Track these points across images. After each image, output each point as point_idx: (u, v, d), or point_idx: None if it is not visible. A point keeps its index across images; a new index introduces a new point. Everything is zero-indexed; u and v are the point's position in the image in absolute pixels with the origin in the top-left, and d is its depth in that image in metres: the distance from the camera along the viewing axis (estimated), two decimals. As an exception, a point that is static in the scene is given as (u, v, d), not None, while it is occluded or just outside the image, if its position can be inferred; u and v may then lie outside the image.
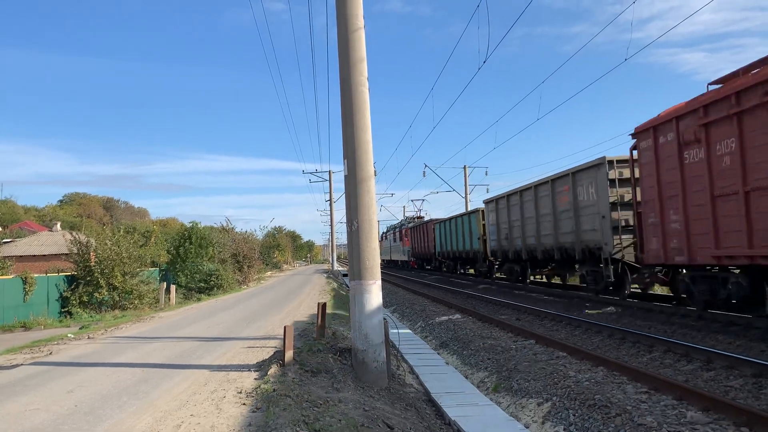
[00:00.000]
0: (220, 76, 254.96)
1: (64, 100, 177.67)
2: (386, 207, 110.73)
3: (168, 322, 15.81)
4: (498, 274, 26.51)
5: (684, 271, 12.13)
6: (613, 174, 14.73)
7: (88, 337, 12.96)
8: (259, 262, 43.90)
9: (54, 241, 34.74)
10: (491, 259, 26.17)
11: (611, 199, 14.63)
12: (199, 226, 35.32)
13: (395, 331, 12.88)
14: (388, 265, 58.88)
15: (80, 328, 15.92)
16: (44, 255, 33.59)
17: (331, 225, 56.65)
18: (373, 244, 7.92)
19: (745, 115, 9.65)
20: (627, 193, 14.38)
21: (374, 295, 7.79)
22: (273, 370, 7.41)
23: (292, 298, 23.12)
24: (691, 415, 6.08)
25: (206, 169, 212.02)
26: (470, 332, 13.06)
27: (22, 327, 18.64)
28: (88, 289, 22.61)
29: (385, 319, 8.20)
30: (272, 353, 8.82)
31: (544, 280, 23.23)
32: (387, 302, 22.28)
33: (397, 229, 56.50)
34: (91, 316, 20.34)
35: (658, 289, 16.70)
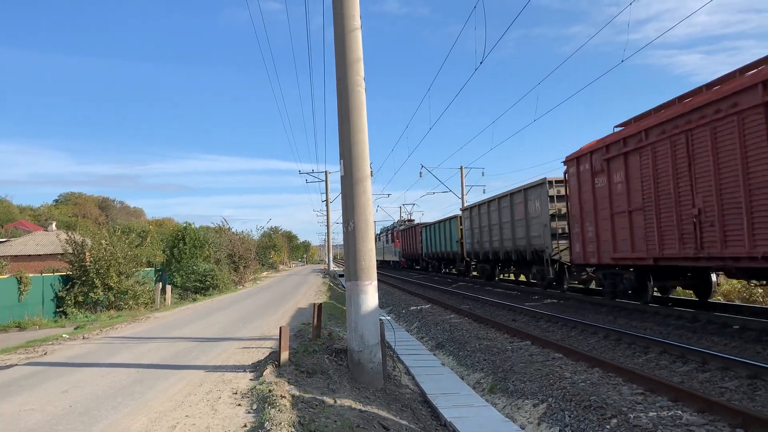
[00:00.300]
0: (218, 77, 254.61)
1: (61, 99, 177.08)
2: (382, 207, 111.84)
3: (163, 322, 15.77)
4: (474, 273, 30.47)
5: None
6: (552, 192, 18.36)
7: (83, 338, 12.92)
8: (255, 263, 43.88)
9: (49, 240, 34.63)
10: (467, 259, 29.85)
11: (551, 212, 18.25)
12: (192, 226, 35.22)
13: (389, 322, 12.94)
14: (381, 266, 59.80)
15: (75, 329, 15.87)
16: (39, 255, 33.48)
17: (328, 225, 56.66)
18: (369, 244, 7.91)
19: (629, 155, 13.02)
20: (563, 207, 17.40)
21: (370, 295, 7.78)
22: (268, 370, 7.39)
23: (288, 299, 23.09)
24: (687, 416, 6.09)
25: (204, 169, 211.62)
26: (466, 333, 13.07)
27: (17, 327, 18.57)
28: (83, 289, 22.54)
29: (381, 319, 8.19)
30: (268, 354, 8.80)
31: (512, 277, 26.01)
32: (382, 303, 22.30)
33: (389, 231, 59.63)
34: (86, 317, 20.27)
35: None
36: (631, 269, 13.82)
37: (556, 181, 18.19)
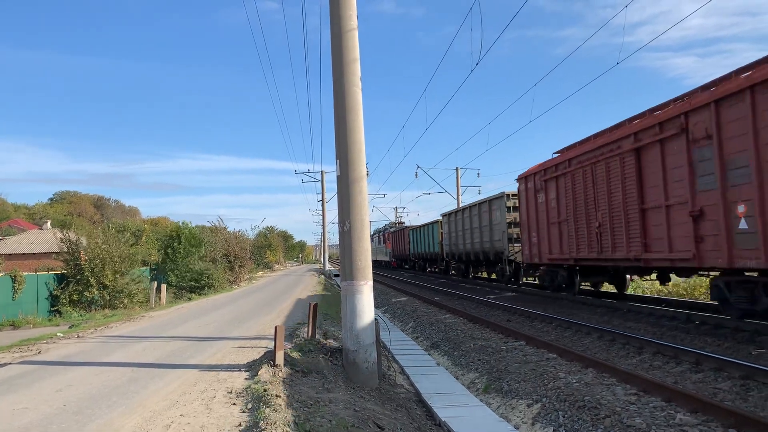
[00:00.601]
0: (214, 76, 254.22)
1: (58, 98, 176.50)
2: (378, 207, 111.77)
3: (158, 321, 15.73)
4: (453, 272, 33.73)
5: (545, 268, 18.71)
6: (510, 203, 22.09)
7: (78, 336, 12.88)
8: (251, 262, 43.80)
9: (44, 239, 34.51)
10: (447, 259, 33.50)
11: (508, 220, 21.96)
12: (188, 225, 35.12)
13: (384, 321, 13.00)
14: (374, 265, 60.29)
15: (70, 327, 15.82)
16: (34, 253, 33.36)
17: (323, 225, 56.67)
18: (365, 244, 7.92)
19: (559, 178, 16.20)
20: (518, 217, 20.30)
21: (366, 295, 7.79)
22: (263, 370, 7.38)
23: (284, 298, 23.06)
24: (680, 416, 6.12)
25: (199, 169, 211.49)
26: (461, 333, 13.09)
27: (11, 325, 18.52)
28: (78, 288, 22.48)
29: (376, 319, 8.20)
30: (263, 353, 8.78)
31: (485, 275, 28.90)
32: (377, 302, 22.30)
33: (381, 233, 62.54)
34: (80, 315, 20.22)
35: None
36: (565, 267, 17.01)
37: (512, 195, 21.88)
